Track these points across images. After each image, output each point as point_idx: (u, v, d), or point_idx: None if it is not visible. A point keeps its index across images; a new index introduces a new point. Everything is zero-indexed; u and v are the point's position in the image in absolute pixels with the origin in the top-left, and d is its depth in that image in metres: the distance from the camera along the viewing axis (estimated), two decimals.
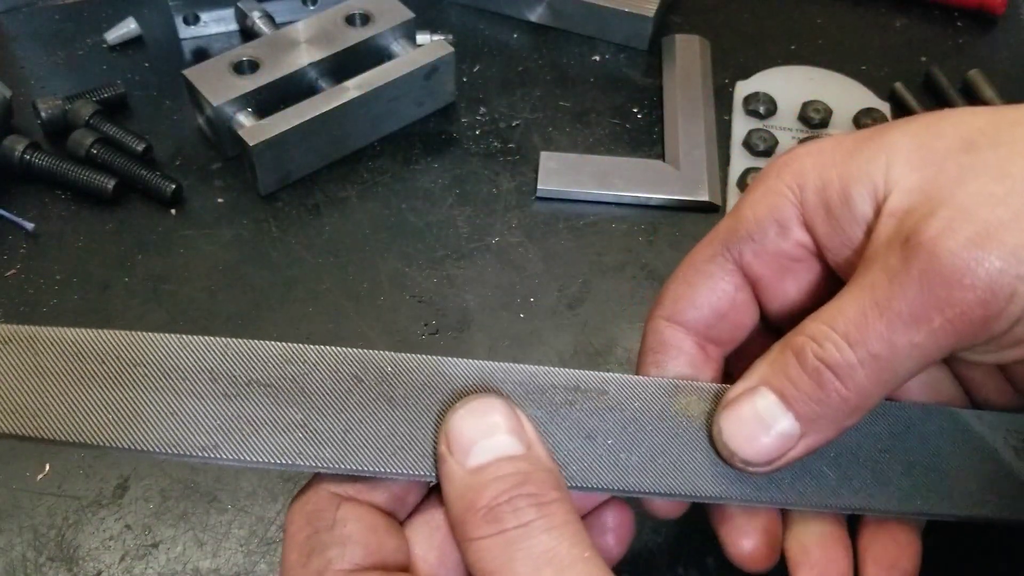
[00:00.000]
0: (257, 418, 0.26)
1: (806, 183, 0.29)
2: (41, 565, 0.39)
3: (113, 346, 0.26)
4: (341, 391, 0.27)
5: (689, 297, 0.31)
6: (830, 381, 0.27)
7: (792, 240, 0.30)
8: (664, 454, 0.28)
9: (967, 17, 0.63)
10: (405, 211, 0.52)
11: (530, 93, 0.58)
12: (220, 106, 0.51)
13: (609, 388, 0.29)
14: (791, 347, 0.27)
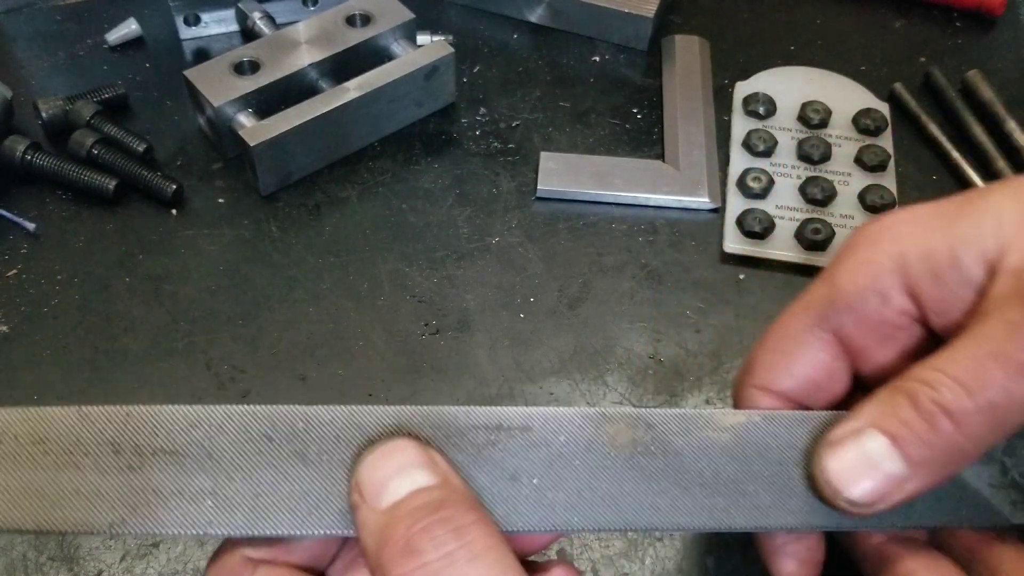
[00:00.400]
0: (164, 489, 0.25)
1: (908, 251, 0.30)
2: (42, 564, 0.39)
3: (10, 425, 0.25)
4: (250, 452, 0.26)
5: (784, 366, 0.32)
6: (944, 425, 0.27)
7: (894, 308, 0.30)
8: (591, 488, 0.28)
9: (966, 18, 0.64)
10: (405, 211, 0.52)
11: (530, 93, 0.58)
12: (221, 106, 0.51)
13: (533, 423, 0.28)
14: (903, 391, 0.27)
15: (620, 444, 0.28)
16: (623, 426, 0.28)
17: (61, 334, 0.46)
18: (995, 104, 0.56)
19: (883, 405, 0.28)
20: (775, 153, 0.54)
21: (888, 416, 0.28)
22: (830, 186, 0.52)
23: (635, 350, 0.46)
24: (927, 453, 0.27)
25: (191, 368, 0.45)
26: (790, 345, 0.32)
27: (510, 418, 0.28)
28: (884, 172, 0.53)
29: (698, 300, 0.48)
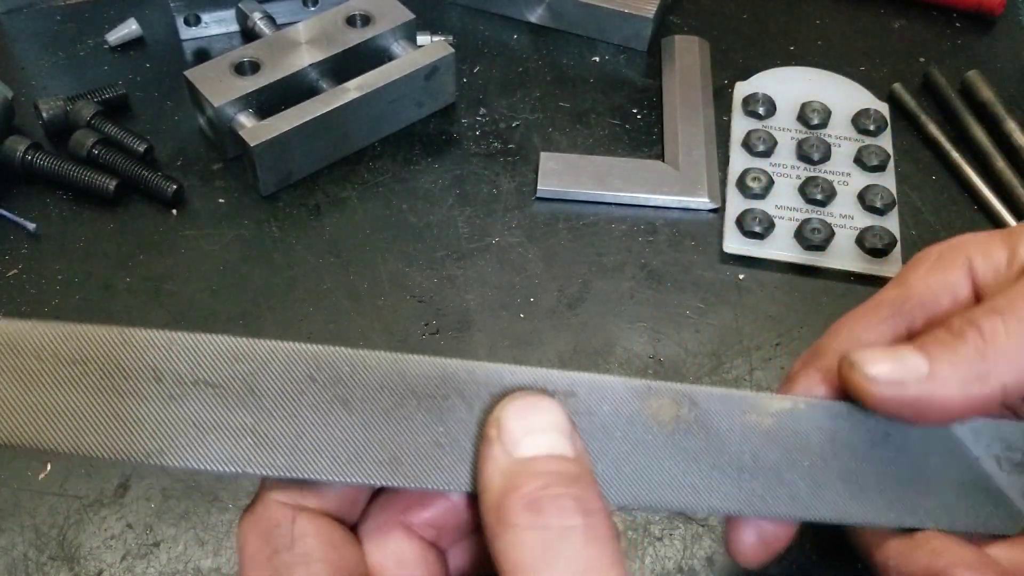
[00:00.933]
0: (204, 422, 0.24)
1: (974, 256, 0.31)
2: (43, 564, 0.39)
3: (50, 341, 0.24)
4: (294, 392, 0.25)
5: None
6: (971, 335, 0.28)
7: (963, 304, 0.31)
8: (630, 462, 0.27)
9: (966, 18, 0.64)
10: (405, 211, 0.52)
11: (530, 94, 0.58)
12: (221, 107, 0.51)
13: (578, 390, 0.27)
14: (947, 326, 0.29)
15: (663, 420, 0.28)
16: (668, 401, 0.28)
17: None
18: (994, 104, 0.56)
19: (923, 338, 0.29)
20: (775, 153, 0.54)
21: (923, 341, 0.29)
22: (829, 186, 0.52)
23: (635, 350, 0.47)
24: (951, 356, 0.28)
25: None
26: (864, 332, 0.32)
27: (555, 381, 0.27)
28: (883, 172, 0.54)
29: (698, 300, 0.49)
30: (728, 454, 0.28)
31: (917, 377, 0.28)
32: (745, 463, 0.28)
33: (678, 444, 0.28)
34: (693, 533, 0.40)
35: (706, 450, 0.28)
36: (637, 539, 0.40)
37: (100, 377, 0.24)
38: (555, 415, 0.26)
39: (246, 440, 0.25)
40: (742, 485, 0.28)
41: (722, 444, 0.28)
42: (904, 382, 0.28)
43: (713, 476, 0.28)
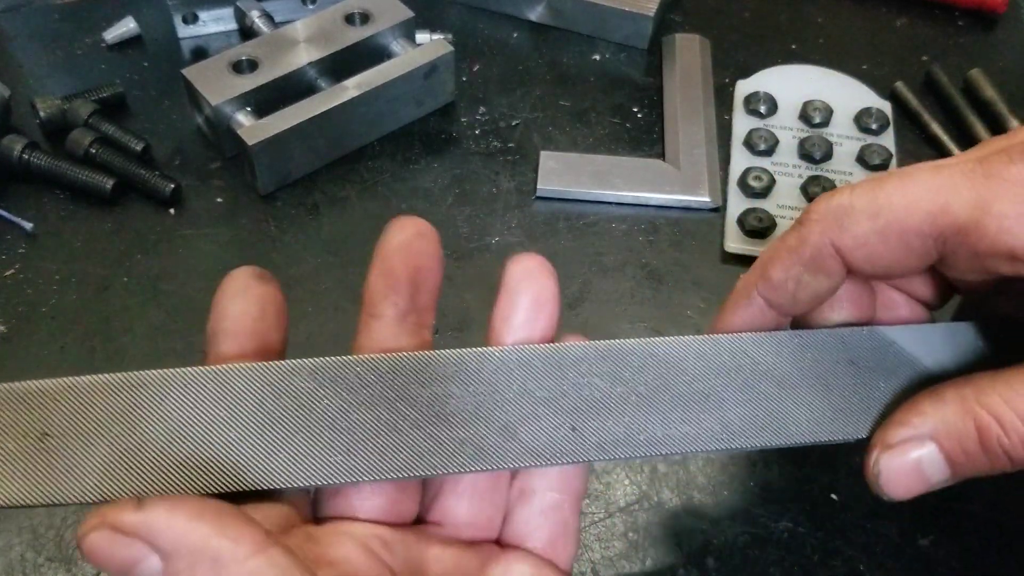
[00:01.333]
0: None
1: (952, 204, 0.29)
2: (40, 566, 0.39)
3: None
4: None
5: (876, 254, 0.29)
6: (1003, 463, 0.28)
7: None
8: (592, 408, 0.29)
9: (968, 16, 0.63)
10: (405, 211, 0.52)
11: (530, 92, 0.58)
12: (219, 105, 0.51)
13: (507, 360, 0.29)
14: (975, 420, 0.28)
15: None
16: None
17: (59, 334, 0.46)
18: (997, 103, 0.56)
19: (949, 424, 0.28)
20: (776, 152, 0.54)
21: (952, 438, 0.28)
22: (832, 185, 0.52)
23: None
24: (975, 474, 0.28)
25: None
26: (897, 239, 0.29)
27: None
28: (886, 171, 0.53)
29: (699, 300, 0.48)
30: (691, 385, 0.29)
31: (939, 487, 0.29)
32: (709, 391, 0.29)
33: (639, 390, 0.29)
34: (694, 534, 0.40)
35: (663, 384, 0.29)
36: (638, 540, 0.40)
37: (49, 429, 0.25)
38: None
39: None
40: (712, 415, 0.29)
41: (682, 375, 0.29)
42: (921, 492, 0.29)
43: (684, 415, 0.29)
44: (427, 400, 0.27)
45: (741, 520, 0.40)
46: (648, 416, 0.28)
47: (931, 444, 0.28)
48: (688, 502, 0.41)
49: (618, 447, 0.28)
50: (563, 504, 0.30)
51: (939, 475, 0.29)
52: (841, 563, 0.39)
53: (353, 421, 0.26)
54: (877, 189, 0.29)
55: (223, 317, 0.27)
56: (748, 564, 0.39)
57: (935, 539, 0.39)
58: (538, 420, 0.28)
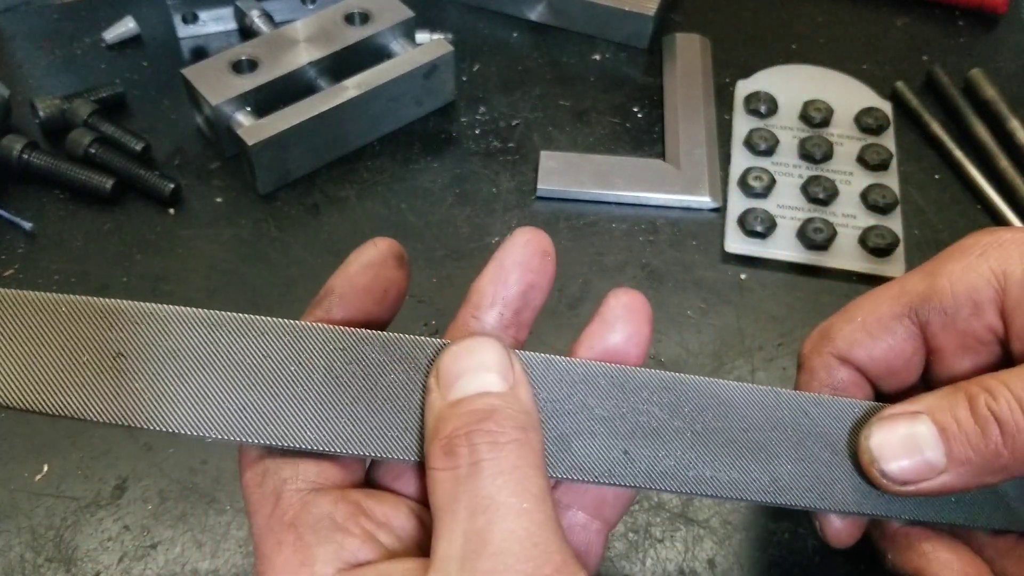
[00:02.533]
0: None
1: (1012, 272, 0.30)
2: (39, 566, 0.39)
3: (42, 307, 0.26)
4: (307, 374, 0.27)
5: (866, 345, 0.32)
6: (993, 434, 0.28)
7: (984, 323, 0.31)
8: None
9: (969, 16, 0.63)
10: (405, 211, 0.52)
11: (530, 92, 0.58)
12: (219, 105, 0.50)
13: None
14: (964, 391, 0.29)
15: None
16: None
17: None
18: (997, 103, 0.56)
19: (942, 398, 0.29)
20: (777, 152, 0.54)
21: (944, 409, 0.29)
22: (832, 185, 0.52)
23: None
24: (970, 454, 0.28)
25: None
26: (877, 326, 0.32)
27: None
28: (886, 171, 0.53)
29: (699, 300, 0.48)
30: (747, 434, 0.29)
31: (934, 473, 0.29)
32: (764, 443, 0.29)
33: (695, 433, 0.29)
34: (694, 535, 0.40)
35: (721, 427, 0.29)
36: (638, 541, 0.40)
37: (85, 343, 0.25)
38: (487, 352, 0.26)
39: (245, 413, 0.26)
40: (763, 467, 0.29)
41: (740, 421, 0.29)
42: (921, 480, 0.29)
43: (735, 460, 0.29)
44: None
45: (741, 520, 0.40)
46: (700, 455, 0.29)
47: (924, 417, 0.29)
48: (688, 502, 0.41)
49: (665, 479, 0.28)
50: (590, 527, 0.30)
51: (934, 452, 0.28)
52: (841, 563, 0.39)
53: (414, 400, 0.27)
54: (846, 307, 0.33)
55: (344, 280, 0.29)
56: (749, 565, 0.39)
57: None
58: (593, 437, 0.28)
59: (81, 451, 0.42)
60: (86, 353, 0.25)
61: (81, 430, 0.42)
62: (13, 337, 0.25)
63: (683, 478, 0.28)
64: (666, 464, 0.28)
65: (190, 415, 0.25)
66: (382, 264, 0.29)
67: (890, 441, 0.29)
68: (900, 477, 0.29)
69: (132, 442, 0.42)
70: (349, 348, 0.27)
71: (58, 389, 0.25)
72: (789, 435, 0.30)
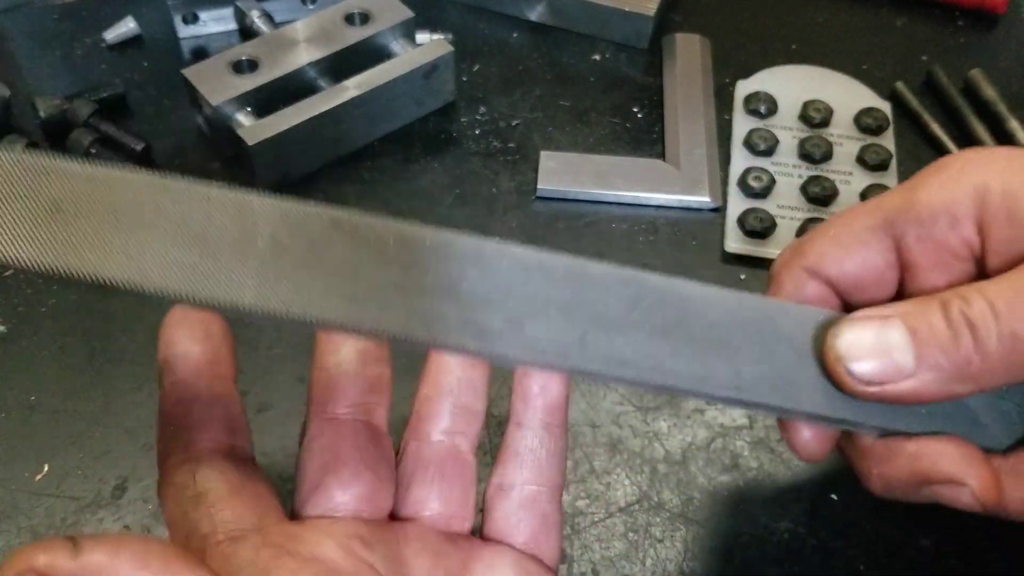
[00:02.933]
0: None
1: (991, 185, 0.29)
2: None
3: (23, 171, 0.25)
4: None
5: (838, 257, 0.31)
6: (965, 338, 0.27)
7: (961, 236, 0.30)
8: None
9: (968, 16, 0.63)
10: (405, 211, 0.52)
11: (530, 92, 0.58)
12: (219, 105, 0.51)
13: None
14: (938, 298, 0.28)
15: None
16: None
17: (59, 334, 0.46)
18: (997, 103, 0.56)
19: (916, 304, 0.29)
20: (776, 152, 0.54)
21: (916, 314, 0.28)
22: (831, 185, 0.52)
23: None
24: (940, 359, 0.27)
25: None
26: (850, 239, 0.31)
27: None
28: (886, 171, 0.53)
29: None
30: (710, 331, 0.29)
31: (902, 376, 0.28)
32: (726, 341, 0.29)
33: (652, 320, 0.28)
34: (694, 535, 0.40)
35: (681, 323, 0.28)
36: (638, 540, 0.40)
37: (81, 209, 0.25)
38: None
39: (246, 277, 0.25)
40: (725, 363, 0.28)
41: (702, 319, 0.29)
42: (886, 383, 0.28)
43: (696, 355, 0.28)
44: (441, 274, 0.27)
45: (741, 520, 0.40)
46: (660, 347, 0.28)
47: (896, 320, 0.28)
48: (688, 502, 0.41)
49: (624, 367, 0.27)
50: (541, 496, 0.30)
51: (901, 352, 0.28)
52: (841, 563, 0.39)
53: (361, 274, 0.26)
54: (819, 226, 0.33)
55: (172, 344, 0.29)
56: (748, 564, 0.39)
57: (935, 539, 0.39)
58: (548, 320, 0.27)
59: (81, 451, 0.42)
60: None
61: (82, 430, 0.42)
62: None
63: (641, 366, 0.27)
64: (623, 352, 0.27)
65: (127, 266, 0.24)
66: (184, 320, 0.29)
67: (859, 341, 0.28)
68: (866, 376, 0.28)
69: (132, 442, 0.42)
70: (297, 220, 0.26)
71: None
72: (753, 336, 0.29)
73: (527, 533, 0.30)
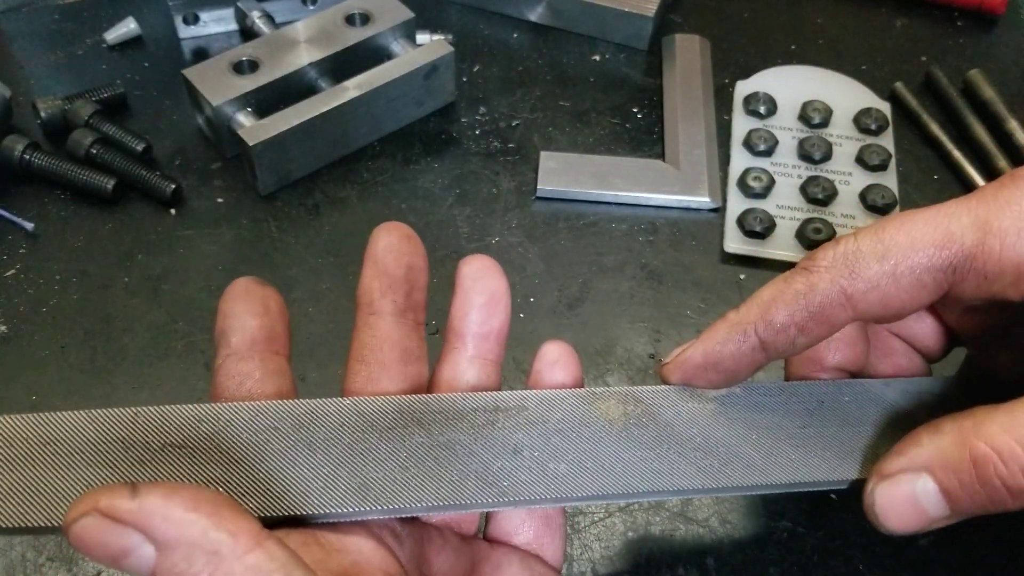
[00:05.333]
0: (174, 479, 0.26)
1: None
2: (41, 565, 0.39)
3: (20, 428, 0.26)
4: (258, 443, 0.27)
5: (890, 294, 0.29)
6: (1003, 497, 0.26)
7: (1020, 292, 0.28)
8: (591, 458, 0.29)
9: (967, 17, 0.63)
10: (405, 211, 0.52)
11: (530, 93, 0.58)
12: (220, 106, 0.51)
13: (528, 404, 0.30)
14: (972, 451, 0.26)
15: (612, 418, 0.30)
16: (613, 402, 0.31)
17: (60, 334, 0.46)
18: (996, 103, 0.56)
19: (945, 455, 0.27)
20: (776, 152, 0.54)
21: (948, 471, 0.27)
22: (831, 186, 0.52)
23: (635, 350, 0.46)
24: (974, 509, 0.27)
25: (190, 368, 0.45)
26: (909, 277, 0.29)
27: (506, 400, 0.30)
28: (885, 171, 0.53)
29: (698, 300, 0.48)
30: (680, 438, 0.30)
31: (935, 524, 0.28)
32: (698, 444, 0.30)
33: (632, 437, 0.30)
34: (694, 534, 0.40)
35: (659, 438, 0.30)
36: (638, 540, 0.40)
37: (70, 454, 0.26)
38: None
39: (218, 489, 0.26)
40: (700, 463, 0.30)
41: (672, 430, 0.30)
42: (922, 528, 0.28)
43: (671, 459, 0.30)
44: (444, 442, 0.28)
45: (741, 520, 0.40)
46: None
47: (926, 476, 0.27)
48: (688, 502, 0.41)
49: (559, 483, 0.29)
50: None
51: (937, 509, 0.27)
52: (841, 563, 0.39)
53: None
54: (880, 232, 0.28)
55: (230, 315, 0.28)
56: (748, 564, 0.39)
57: (935, 539, 0.39)
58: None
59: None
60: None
61: None
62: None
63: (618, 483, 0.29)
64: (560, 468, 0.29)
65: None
66: (247, 291, 0.29)
67: (894, 505, 0.28)
68: (907, 532, 0.28)
69: None
70: (302, 416, 0.28)
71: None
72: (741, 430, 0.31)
73: (530, 535, 0.31)
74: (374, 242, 0.30)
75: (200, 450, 0.26)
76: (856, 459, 0.31)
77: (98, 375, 0.45)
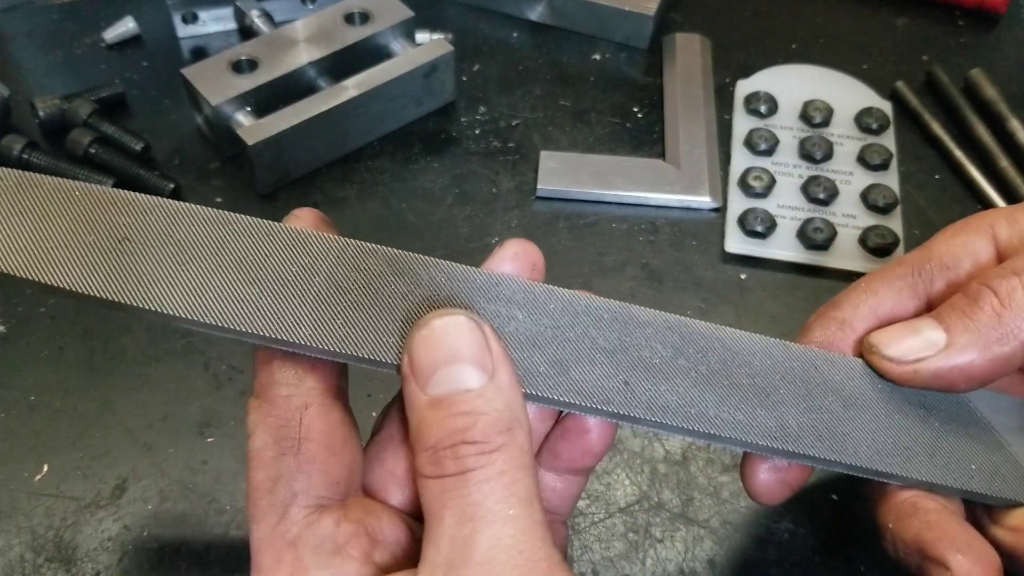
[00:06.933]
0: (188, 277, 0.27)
1: (997, 222, 0.31)
2: (39, 566, 0.39)
3: (55, 190, 0.26)
4: (308, 274, 0.27)
5: (870, 304, 0.32)
6: (988, 299, 0.28)
7: (986, 269, 0.31)
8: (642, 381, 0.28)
9: (969, 16, 0.63)
10: (405, 211, 0.52)
11: (530, 92, 0.58)
12: (219, 105, 0.50)
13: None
14: (959, 292, 0.30)
15: None
16: None
17: (58, 334, 0.46)
18: (997, 103, 0.56)
19: (940, 308, 0.30)
20: (777, 152, 0.54)
21: (940, 311, 0.30)
22: (832, 185, 0.52)
23: None
24: (967, 322, 0.29)
25: (189, 368, 0.45)
26: (881, 286, 0.32)
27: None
28: (886, 171, 0.53)
29: (699, 300, 0.48)
30: (754, 380, 0.29)
31: (936, 349, 0.29)
32: (771, 390, 0.29)
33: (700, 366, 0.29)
34: (694, 535, 0.40)
35: (725, 371, 0.29)
36: (638, 541, 0.40)
37: (101, 227, 0.26)
38: (462, 339, 0.26)
39: (239, 302, 0.26)
40: (770, 412, 0.29)
41: (746, 368, 0.29)
42: (923, 357, 0.29)
43: (740, 403, 0.28)
44: (490, 314, 0.28)
45: (741, 520, 0.40)
46: (704, 394, 0.28)
47: (922, 317, 0.31)
48: (688, 502, 0.41)
49: (667, 413, 0.28)
50: (545, 497, 0.30)
51: (932, 330, 0.30)
52: (841, 563, 0.39)
53: (413, 315, 0.27)
54: (849, 287, 0.33)
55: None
56: (748, 564, 0.39)
57: None
58: (592, 365, 0.27)
59: (81, 451, 0.42)
60: (92, 234, 0.26)
61: (81, 430, 0.42)
62: (24, 212, 0.26)
63: (685, 414, 0.28)
64: (668, 399, 0.28)
65: (188, 300, 0.26)
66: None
67: (889, 331, 0.30)
68: (901, 355, 0.29)
69: (132, 442, 0.42)
70: (353, 258, 0.27)
71: (61, 262, 0.25)
72: (798, 386, 0.29)
73: None
74: (497, 260, 0.31)
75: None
76: (922, 460, 0.30)
77: (96, 375, 0.45)
